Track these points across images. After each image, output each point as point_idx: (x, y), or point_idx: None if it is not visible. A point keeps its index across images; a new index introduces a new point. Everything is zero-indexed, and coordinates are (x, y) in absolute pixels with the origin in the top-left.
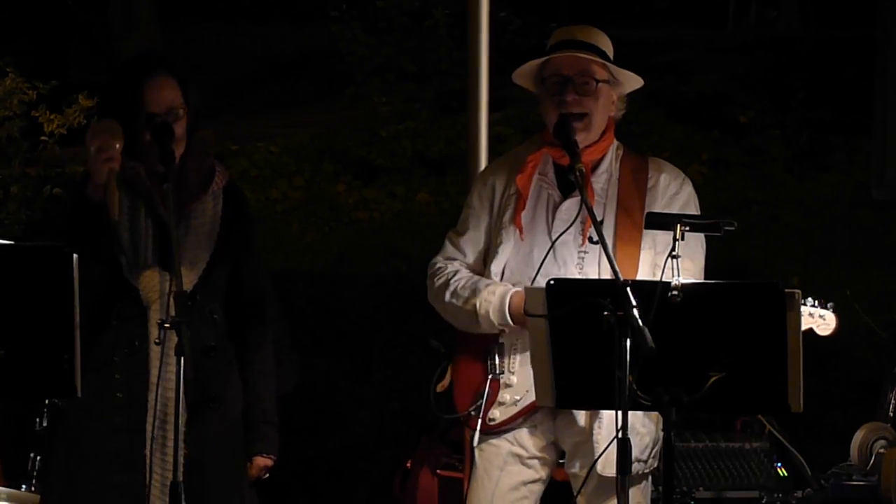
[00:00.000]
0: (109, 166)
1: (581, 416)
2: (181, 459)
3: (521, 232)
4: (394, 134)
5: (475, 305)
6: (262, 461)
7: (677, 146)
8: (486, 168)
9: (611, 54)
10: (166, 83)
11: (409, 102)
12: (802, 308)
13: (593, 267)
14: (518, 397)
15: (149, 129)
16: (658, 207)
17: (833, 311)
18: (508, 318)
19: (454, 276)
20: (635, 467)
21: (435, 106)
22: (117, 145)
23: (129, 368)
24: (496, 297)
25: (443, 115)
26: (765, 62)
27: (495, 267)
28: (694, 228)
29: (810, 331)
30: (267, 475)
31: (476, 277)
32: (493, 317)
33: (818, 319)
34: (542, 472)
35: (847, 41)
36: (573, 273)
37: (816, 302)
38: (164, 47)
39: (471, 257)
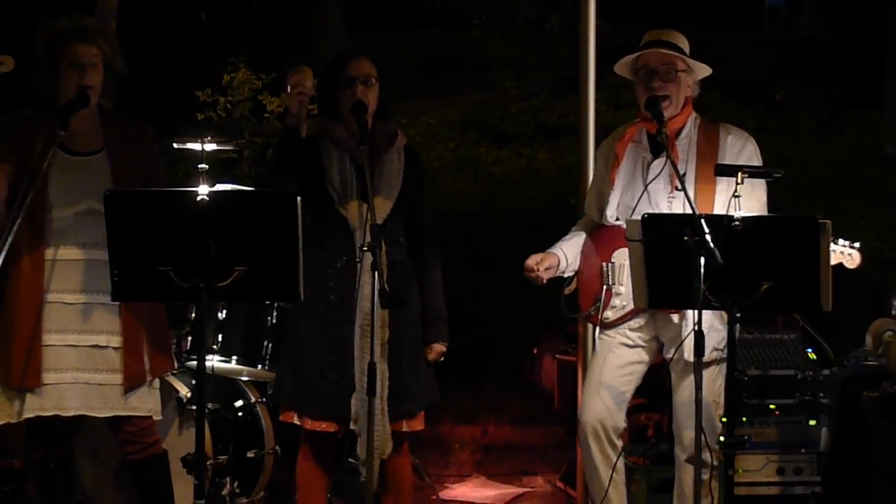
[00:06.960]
0: (301, 99)
1: (675, 317)
2: (377, 344)
3: (612, 184)
4: (520, 110)
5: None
6: (439, 347)
7: (730, 118)
8: (599, 147)
9: (687, 50)
10: (365, 60)
11: (532, 86)
12: (834, 246)
13: (679, 208)
14: (625, 303)
15: (350, 108)
16: (728, 160)
17: (858, 250)
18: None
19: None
20: (714, 354)
21: (551, 89)
22: (308, 84)
23: (340, 277)
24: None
25: (556, 95)
26: (794, 54)
27: (608, 211)
28: (752, 175)
29: (840, 265)
30: (442, 359)
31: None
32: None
33: (847, 257)
34: (645, 357)
35: (855, 39)
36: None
37: (847, 242)
38: (350, 47)
39: (591, 209)
